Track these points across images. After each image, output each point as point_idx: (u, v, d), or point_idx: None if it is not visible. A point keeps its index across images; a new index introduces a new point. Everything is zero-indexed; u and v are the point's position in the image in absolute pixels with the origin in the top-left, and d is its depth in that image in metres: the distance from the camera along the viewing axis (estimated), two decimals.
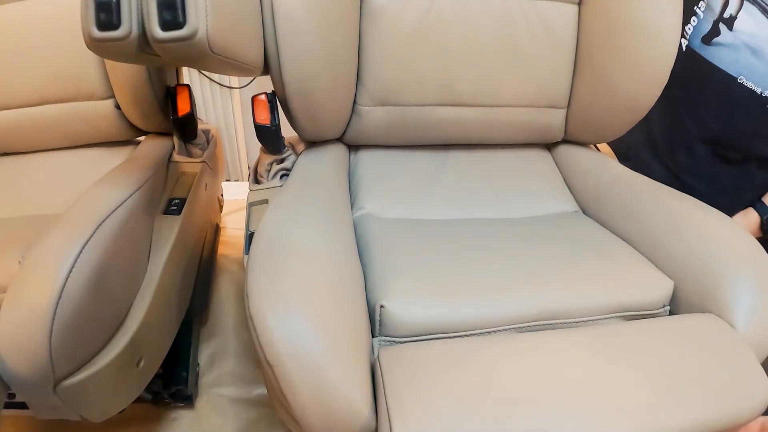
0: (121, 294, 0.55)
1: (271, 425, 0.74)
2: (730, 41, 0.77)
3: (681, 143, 0.88)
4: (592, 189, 0.74)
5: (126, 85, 0.74)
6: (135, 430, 0.74)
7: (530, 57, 0.73)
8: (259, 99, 0.68)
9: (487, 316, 0.51)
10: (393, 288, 0.51)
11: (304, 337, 0.41)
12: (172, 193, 0.70)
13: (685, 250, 0.58)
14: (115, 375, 0.53)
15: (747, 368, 0.48)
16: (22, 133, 0.80)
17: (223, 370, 0.82)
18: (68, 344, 0.47)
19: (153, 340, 0.59)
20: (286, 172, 0.71)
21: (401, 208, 0.69)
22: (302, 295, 0.44)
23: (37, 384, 0.48)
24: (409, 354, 0.45)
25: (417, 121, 0.74)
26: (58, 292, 0.46)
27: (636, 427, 0.42)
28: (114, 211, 0.53)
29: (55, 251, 0.47)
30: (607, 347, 0.48)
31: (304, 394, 0.41)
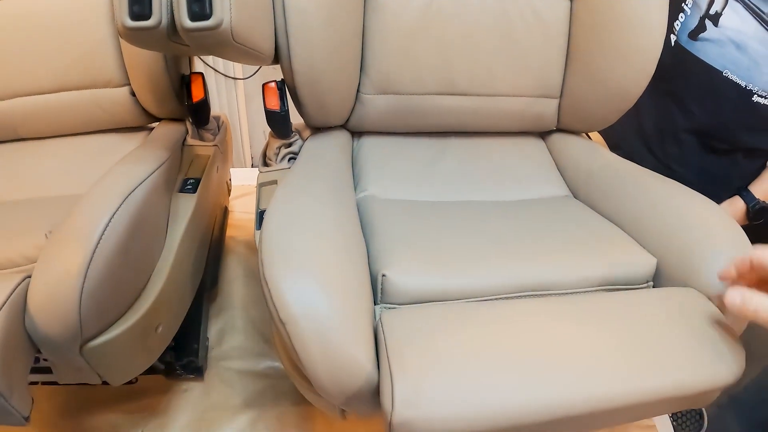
0: (142, 263, 0.59)
1: (277, 396, 0.78)
2: (715, 37, 0.81)
3: (669, 133, 0.92)
4: (582, 174, 0.77)
5: (143, 73, 0.77)
6: (148, 401, 0.78)
7: (525, 49, 0.77)
8: (270, 86, 0.72)
9: (480, 285, 0.54)
10: (394, 259, 0.55)
11: (313, 298, 0.45)
12: (187, 174, 0.74)
13: (668, 229, 0.61)
14: (136, 338, 0.57)
15: (724, 337, 0.51)
16: (40, 118, 0.84)
17: (232, 344, 0.86)
18: (95, 307, 0.51)
19: (170, 308, 0.63)
20: (294, 155, 0.75)
21: (402, 191, 0.73)
22: (311, 262, 0.48)
23: (65, 344, 0.52)
24: (409, 316, 0.49)
25: (417, 109, 0.78)
26: (90, 256, 0.49)
27: (617, 387, 0.46)
28: (138, 187, 0.57)
29: (86, 220, 0.52)
30: (591, 313, 0.52)
31: (314, 350, 0.45)
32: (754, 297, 0.47)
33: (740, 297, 0.47)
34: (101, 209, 0.53)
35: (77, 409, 0.77)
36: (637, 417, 0.56)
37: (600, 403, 0.45)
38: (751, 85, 0.79)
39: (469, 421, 0.43)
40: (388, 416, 0.42)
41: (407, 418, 0.42)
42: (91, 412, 0.76)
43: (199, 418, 0.75)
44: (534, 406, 0.44)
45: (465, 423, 0.43)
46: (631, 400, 0.46)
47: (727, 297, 0.48)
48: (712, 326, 0.52)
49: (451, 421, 0.42)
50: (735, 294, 0.47)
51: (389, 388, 0.42)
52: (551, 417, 0.45)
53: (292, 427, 0.74)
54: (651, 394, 0.47)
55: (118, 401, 0.77)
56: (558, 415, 0.45)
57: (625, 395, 0.46)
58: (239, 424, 0.75)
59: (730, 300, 0.47)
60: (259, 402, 0.77)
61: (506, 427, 0.44)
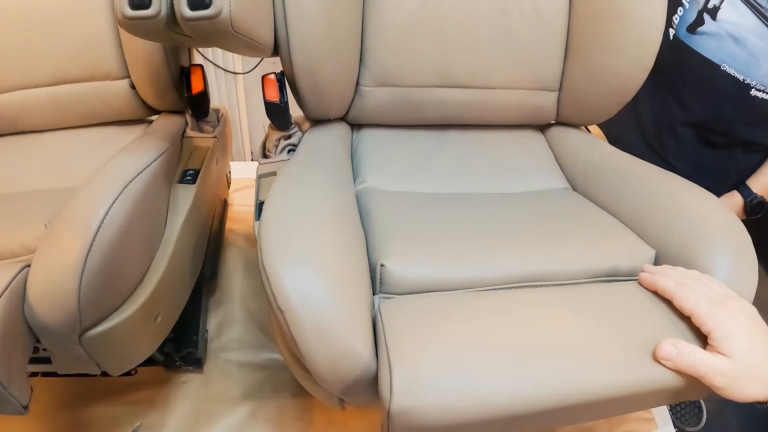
0: (142, 253, 0.59)
1: (276, 388, 0.78)
2: (713, 30, 0.81)
3: (667, 127, 0.92)
4: (581, 167, 0.78)
5: (142, 66, 0.77)
6: (147, 393, 0.78)
7: (524, 42, 0.77)
8: (269, 78, 0.72)
9: (479, 276, 0.55)
10: (392, 249, 0.55)
11: (311, 286, 0.46)
12: (186, 165, 0.74)
13: (666, 221, 0.62)
14: (135, 328, 0.57)
15: None
16: (40, 111, 0.84)
17: (231, 336, 0.86)
18: (95, 295, 0.51)
19: (169, 298, 0.63)
20: (293, 147, 0.75)
21: (401, 182, 0.73)
22: (309, 250, 0.48)
23: (64, 333, 0.52)
24: (407, 305, 0.50)
25: (416, 102, 0.78)
26: (89, 245, 0.50)
27: (614, 377, 0.46)
28: (138, 176, 0.57)
29: (86, 209, 0.52)
30: (589, 304, 0.52)
31: (312, 339, 0.45)
32: (693, 352, 0.46)
33: (675, 350, 0.46)
34: (100, 199, 0.53)
35: (77, 400, 0.77)
36: (635, 408, 0.56)
37: (597, 392, 0.46)
38: (749, 79, 0.79)
39: (467, 410, 0.43)
40: (387, 405, 0.42)
41: (405, 407, 0.42)
42: (91, 403, 0.76)
43: (198, 409, 0.76)
44: (532, 396, 0.44)
45: (463, 411, 0.43)
46: (627, 390, 0.47)
47: (660, 349, 0.46)
48: None
49: (449, 409, 0.43)
50: (668, 346, 0.46)
51: (387, 376, 0.43)
52: (549, 406, 0.45)
53: (291, 419, 0.74)
54: (647, 383, 0.47)
55: (118, 393, 0.78)
56: (556, 404, 0.45)
57: (621, 385, 0.46)
58: (238, 415, 0.75)
59: (663, 352, 0.46)
60: (259, 394, 0.78)
61: (504, 416, 0.44)
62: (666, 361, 0.46)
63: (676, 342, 0.46)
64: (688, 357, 0.46)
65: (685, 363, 0.46)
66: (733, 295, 0.50)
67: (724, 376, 0.45)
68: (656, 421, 0.84)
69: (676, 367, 0.46)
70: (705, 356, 0.46)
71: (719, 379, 0.45)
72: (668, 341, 0.47)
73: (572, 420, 0.54)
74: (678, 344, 0.46)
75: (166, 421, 0.74)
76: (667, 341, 0.47)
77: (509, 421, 0.46)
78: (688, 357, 0.46)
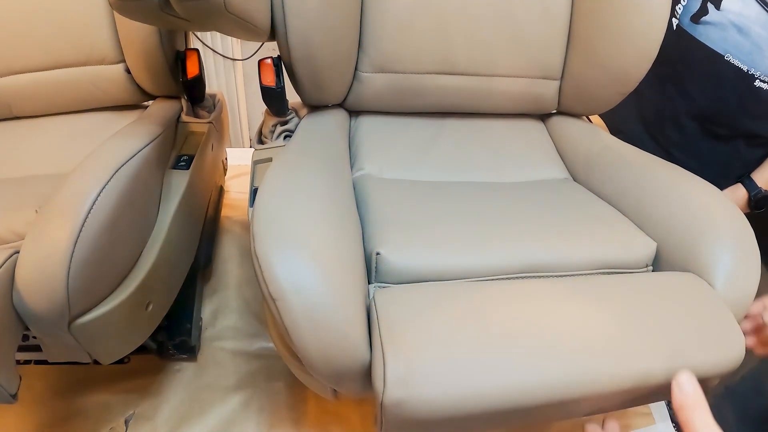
0: (133, 240, 0.58)
1: (270, 377, 0.78)
2: (717, 20, 0.79)
3: (670, 118, 0.90)
4: (582, 157, 0.76)
5: (138, 49, 0.76)
6: (141, 381, 0.77)
7: (525, 29, 0.75)
8: (266, 63, 0.71)
9: (476, 266, 0.54)
10: (389, 237, 0.54)
11: (304, 274, 0.44)
12: (181, 150, 0.73)
13: (668, 213, 0.61)
14: (126, 316, 0.56)
15: (724, 322, 0.51)
16: (35, 96, 0.83)
17: (225, 324, 0.85)
18: (84, 283, 0.50)
19: (161, 286, 0.62)
20: (289, 133, 0.74)
21: (399, 170, 0.72)
22: (303, 237, 0.47)
23: (53, 320, 0.51)
24: (402, 294, 0.49)
25: (415, 88, 0.77)
26: (77, 231, 0.49)
27: (613, 369, 0.45)
28: (129, 161, 0.56)
29: (74, 195, 0.50)
30: (588, 295, 0.51)
31: (304, 327, 0.44)
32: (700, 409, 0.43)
33: (691, 388, 0.44)
34: (90, 184, 0.52)
35: (69, 388, 0.76)
36: (634, 402, 0.55)
37: (596, 386, 0.45)
38: (753, 70, 0.78)
39: (462, 402, 0.42)
40: (380, 396, 0.41)
41: (399, 399, 0.41)
42: (84, 392, 0.76)
43: (191, 398, 0.75)
44: (529, 388, 0.43)
45: (458, 404, 0.42)
46: (627, 384, 0.46)
47: (681, 375, 0.44)
48: (712, 311, 0.51)
49: (444, 401, 0.42)
50: (687, 380, 0.44)
51: (381, 367, 0.42)
52: (546, 399, 0.44)
53: (284, 408, 0.74)
54: (647, 377, 0.46)
55: (111, 381, 0.77)
56: (553, 397, 0.44)
57: (621, 378, 0.46)
58: (232, 404, 0.74)
59: (681, 378, 0.44)
60: (252, 383, 0.77)
61: (501, 409, 0.43)
62: (677, 389, 0.44)
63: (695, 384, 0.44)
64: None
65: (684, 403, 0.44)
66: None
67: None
68: (653, 416, 0.83)
69: (680, 402, 0.44)
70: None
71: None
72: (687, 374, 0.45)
73: (570, 414, 0.53)
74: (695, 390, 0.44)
75: (159, 410, 0.73)
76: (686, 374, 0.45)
77: (506, 414, 0.45)
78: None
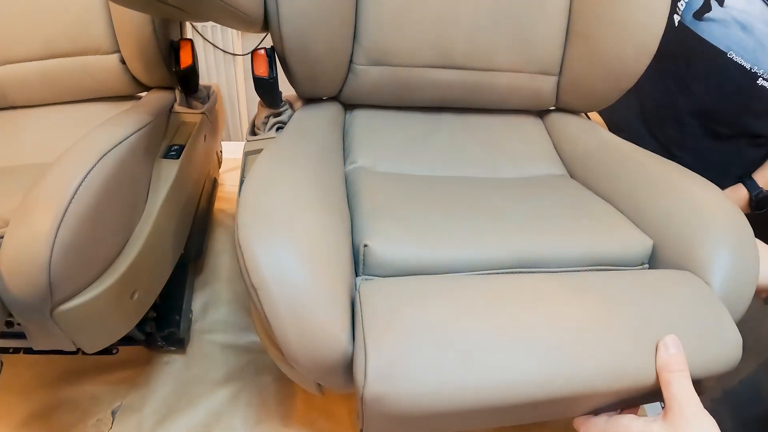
0: (119, 227, 0.57)
1: (258, 371, 0.77)
2: (720, 17, 0.78)
3: (671, 116, 0.89)
4: (580, 154, 0.75)
5: (132, 39, 0.76)
6: (129, 372, 0.77)
7: (523, 23, 0.74)
8: (259, 53, 0.70)
9: (467, 260, 0.52)
10: (378, 230, 0.53)
11: (287, 263, 0.44)
12: (172, 140, 0.72)
13: (666, 211, 0.59)
14: (110, 304, 0.55)
15: (720, 322, 0.50)
16: (31, 85, 0.82)
17: (215, 317, 0.85)
18: (67, 267, 0.49)
19: (147, 275, 0.61)
20: (282, 125, 0.73)
21: (392, 164, 0.71)
22: (287, 227, 0.46)
23: (35, 306, 0.50)
24: (388, 287, 0.47)
25: (411, 82, 0.76)
26: (61, 216, 0.48)
27: (603, 368, 0.44)
28: (115, 147, 0.55)
29: (59, 179, 0.50)
30: (581, 291, 0.50)
31: (285, 317, 0.43)
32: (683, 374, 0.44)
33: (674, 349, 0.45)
34: (74, 169, 0.51)
35: (58, 378, 0.76)
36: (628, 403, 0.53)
37: (584, 383, 0.44)
38: (756, 68, 0.77)
39: (444, 398, 0.41)
40: (361, 390, 0.40)
41: (380, 393, 0.40)
42: (72, 382, 0.75)
43: (179, 390, 0.74)
44: (514, 385, 0.42)
45: (441, 400, 0.41)
46: (619, 382, 0.45)
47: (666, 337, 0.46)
48: (709, 310, 0.50)
49: (426, 397, 0.41)
50: (671, 340, 0.45)
51: (362, 360, 0.41)
52: (533, 397, 0.43)
53: (272, 403, 0.73)
54: (640, 376, 0.45)
55: (99, 372, 0.76)
56: (539, 395, 0.43)
57: (612, 376, 0.44)
58: (219, 397, 0.74)
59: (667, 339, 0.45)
60: (241, 376, 0.76)
61: (485, 406, 0.42)
62: (663, 349, 0.45)
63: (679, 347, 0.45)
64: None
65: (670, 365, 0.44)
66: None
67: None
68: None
69: (664, 362, 0.44)
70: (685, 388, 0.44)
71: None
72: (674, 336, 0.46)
73: (559, 413, 0.51)
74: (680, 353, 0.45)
75: (147, 402, 0.73)
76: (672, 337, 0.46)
77: (492, 412, 0.44)
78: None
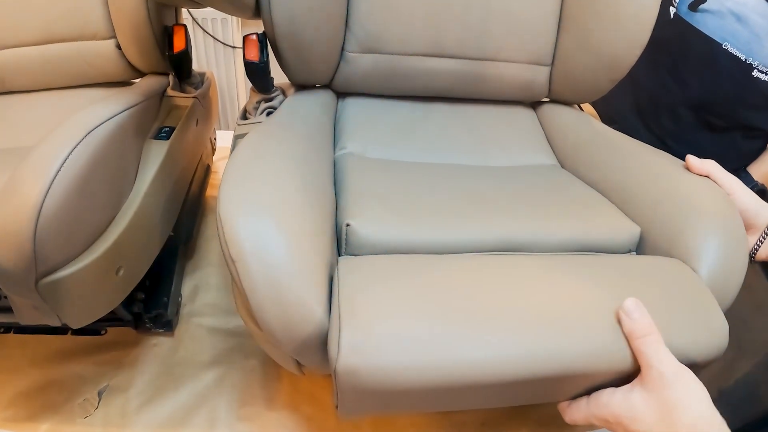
0: (105, 203, 0.57)
1: (245, 355, 0.77)
2: (715, 8, 0.78)
3: (666, 108, 0.89)
4: (571, 144, 0.75)
5: (127, 24, 0.76)
6: (116, 354, 0.77)
7: (516, 13, 0.74)
8: (250, 38, 0.71)
9: (449, 241, 0.52)
10: (361, 210, 0.53)
11: (265, 236, 0.44)
12: (164, 123, 0.73)
13: (654, 198, 0.59)
14: (95, 279, 0.56)
15: (707, 308, 0.49)
16: (27, 71, 0.83)
17: (204, 301, 0.85)
18: (52, 239, 0.50)
19: (133, 252, 0.61)
20: (273, 110, 0.74)
21: (382, 150, 0.71)
22: (268, 201, 0.46)
23: (19, 276, 0.50)
24: (366, 264, 0.47)
25: (403, 70, 0.76)
26: (46, 188, 0.48)
27: (584, 349, 0.43)
28: (103, 123, 0.56)
29: (45, 153, 0.50)
30: (563, 271, 0.49)
31: (262, 290, 0.43)
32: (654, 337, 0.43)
33: (637, 310, 0.44)
34: (62, 144, 0.52)
35: (45, 359, 0.76)
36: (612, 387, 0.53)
37: (562, 364, 0.43)
38: (750, 59, 0.77)
39: (418, 373, 0.41)
40: (334, 363, 0.40)
41: (353, 366, 0.40)
42: (61, 362, 0.76)
43: (166, 372, 0.74)
44: (490, 364, 0.42)
45: (414, 374, 0.41)
46: (598, 365, 0.44)
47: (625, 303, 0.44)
48: (695, 296, 0.50)
49: (399, 371, 0.41)
50: (631, 303, 0.44)
51: (336, 333, 0.41)
52: (508, 377, 0.42)
53: (257, 387, 0.73)
54: (623, 359, 0.44)
55: (88, 353, 0.77)
56: (514, 375, 0.42)
57: (591, 357, 0.44)
58: (205, 380, 0.74)
59: (626, 306, 0.44)
60: (227, 360, 0.76)
61: (458, 384, 0.42)
62: (625, 317, 0.44)
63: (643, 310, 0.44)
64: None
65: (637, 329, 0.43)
66: None
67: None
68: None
69: (629, 330, 0.44)
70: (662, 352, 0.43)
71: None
72: (633, 300, 0.44)
73: (538, 396, 0.51)
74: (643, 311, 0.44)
75: (133, 383, 0.73)
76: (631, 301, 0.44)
77: (467, 391, 0.44)
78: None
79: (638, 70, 0.75)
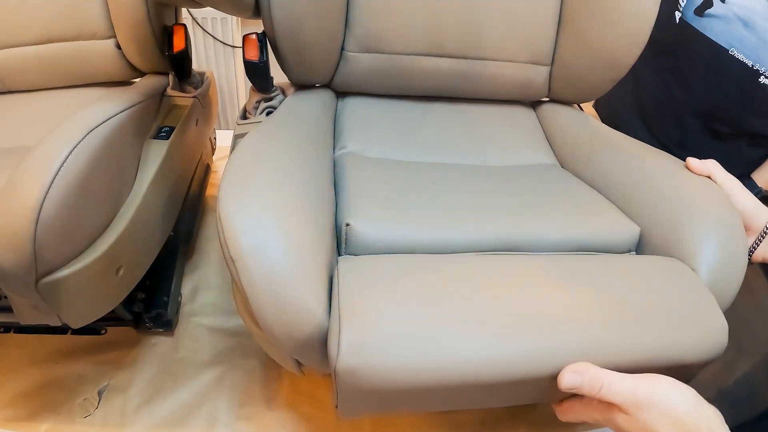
0: (105, 202, 0.58)
1: (245, 355, 0.77)
2: (722, 13, 0.77)
3: (671, 114, 0.88)
4: (570, 143, 0.75)
5: (126, 23, 0.76)
6: (116, 353, 0.77)
7: (516, 12, 0.74)
8: (250, 37, 0.71)
9: (450, 240, 0.53)
10: (361, 210, 0.53)
11: (265, 235, 0.44)
12: (163, 122, 0.73)
13: (654, 198, 0.59)
14: (95, 278, 0.56)
15: (707, 308, 0.49)
16: (27, 70, 0.83)
17: (204, 301, 0.85)
18: (52, 238, 0.50)
19: (133, 252, 0.61)
20: (272, 109, 0.74)
21: (382, 150, 0.71)
22: (267, 200, 0.46)
23: (20, 276, 0.50)
24: (366, 264, 0.48)
25: (402, 70, 0.76)
26: (46, 188, 0.48)
27: (583, 349, 0.43)
28: (102, 123, 0.56)
29: (45, 153, 0.50)
30: (561, 271, 0.49)
31: (262, 289, 0.43)
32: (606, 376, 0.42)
33: (579, 378, 0.42)
34: (62, 143, 0.52)
35: (46, 358, 0.76)
36: None
37: (559, 365, 0.43)
38: (757, 65, 0.76)
39: (418, 373, 0.41)
40: (334, 362, 0.40)
41: (353, 366, 0.40)
42: (60, 361, 0.76)
43: (165, 372, 0.75)
44: (487, 363, 0.42)
45: (414, 374, 0.41)
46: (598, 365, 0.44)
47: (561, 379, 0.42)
48: (695, 296, 0.50)
49: (399, 371, 0.41)
50: (569, 375, 0.42)
51: (336, 333, 0.41)
52: (506, 377, 0.43)
53: (257, 386, 0.73)
54: (620, 359, 0.44)
55: (87, 352, 0.77)
56: (513, 374, 0.43)
57: (589, 358, 0.43)
58: (205, 380, 0.74)
59: (566, 383, 0.42)
60: (227, 359, 0.76)
61: (457, 384, 0.42)
62: (575, 382, 0.42)
63: (580, 368, 0.42)
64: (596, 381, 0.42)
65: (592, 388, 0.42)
66: None
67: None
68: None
69: (587, 387, 0.42)
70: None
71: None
72: (570, 369, 0.42)
73: (536, 396, 0.51)
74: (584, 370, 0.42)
75: (133, 382, 0.73)
76: (568, 369, 0.42)
77: (465, 391, 0.44)
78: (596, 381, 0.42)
79: (642, 75, 0.74)
